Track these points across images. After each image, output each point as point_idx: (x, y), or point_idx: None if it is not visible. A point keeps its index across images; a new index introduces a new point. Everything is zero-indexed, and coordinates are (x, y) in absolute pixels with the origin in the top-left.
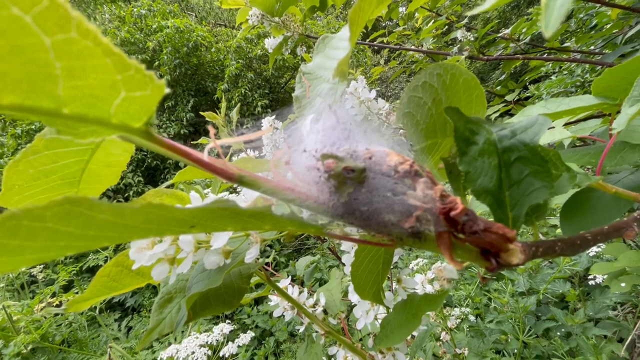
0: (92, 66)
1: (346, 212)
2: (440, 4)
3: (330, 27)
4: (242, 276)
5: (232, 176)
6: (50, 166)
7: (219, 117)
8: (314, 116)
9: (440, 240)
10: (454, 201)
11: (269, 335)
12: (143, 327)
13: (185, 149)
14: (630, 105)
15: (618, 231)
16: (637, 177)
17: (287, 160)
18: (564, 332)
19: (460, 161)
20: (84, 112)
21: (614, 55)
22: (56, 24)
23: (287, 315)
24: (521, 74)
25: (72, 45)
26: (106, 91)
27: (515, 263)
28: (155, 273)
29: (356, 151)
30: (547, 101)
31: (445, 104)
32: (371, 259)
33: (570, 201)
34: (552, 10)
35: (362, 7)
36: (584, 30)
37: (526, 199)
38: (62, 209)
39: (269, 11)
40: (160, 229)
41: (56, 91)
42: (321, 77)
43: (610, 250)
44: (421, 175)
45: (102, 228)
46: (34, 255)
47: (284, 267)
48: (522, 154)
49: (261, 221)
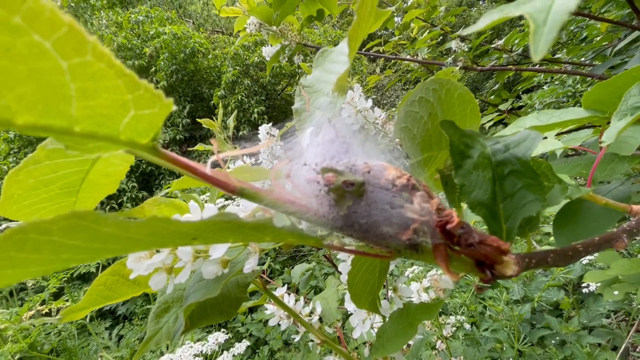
0: (104, 87)
1: (345, 225)
2: (435, 15)
3: (327, 35)
4: (240, 285)
5: (234, 189)
6: (50, 176)
7: (215, 124)
8: (314, 129)
9: (437, 252)
10: (450, 214)
11: (263, 344)
12: (134, 335)
13: (190, 162)
14: (619, 119)
15: (608, 242)
16: (627, 188)
17: (287, 173)
18: (559, 340)
19: (455, 174)
20: (95, 130)
21: (604, 67)
22: (73, 49)
23: (283, 324)
24: (514, 84)
25: (87, 68)
26: (116, 110)
27: (510, 274)
28: (153, 282)
29: (355, 165)
30: (540, 113)
31: (440, 118)
32: (367, 268)
33: (563, 211)
34: (541, 36)
35: (360, 25)
36: (575, 42)
37: (519, 212)
38: (68, 223)
39: (266, 20)
40: (163, 242)
41: (70, 111)
42: (320, 91)
43: (603, 258)
44: (418, 189)
45: (106, 241)
46: (38, 268)
47: (279, 275)
48: (515, 167)
49: (262, 233)
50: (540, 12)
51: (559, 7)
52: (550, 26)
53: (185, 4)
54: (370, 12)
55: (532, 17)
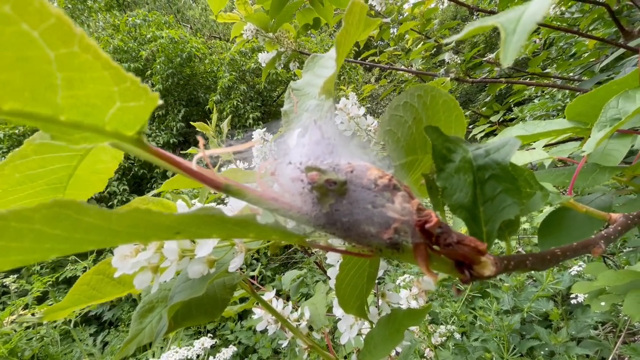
0: (90, 78)
1: (328, 223)
2: (429, 28)
3: (323, 44)
4: (226, 287)
5: (219, 185)
6: (37, 171)
7: (209, 128)
8: (301, 130)
9: (417, 252)
10: (429, 214)
11: (252, 352)
12: (120, 342)
13: (175, 157)
14: (598, 130)
15: (586, 248)
16: (609, 198)
17: (272, 171)
18: (548, 351)
19: (437, 177)
20: (80, 120)
21: (591, 82)
22: (60, 39)
23: (270, 329)
24: (506, 96)
25: (74, 59)
26: (103, 101)
27: (487, 275)
28: (138, 281)
29: (338, 165)
30: (526, 123)
31: (425, 123)
32: (355, 272)
33: (547, 219)
34: (509, 44)
35: (348, 31)
36: (564, 58)
37: (499, 215)
38: (50, 212)
39: (263, 27)
40: (146, 234)
41: (55, 99)
42: (309, 94)
43: (590, 270)
44: (399, 189)
45: (88, 231)
46: (18, 257)
47: (270, 281)
48: (495, 172)
49: (246, 229)
50: (511, 22)
51: (527, 17)
52: (519, 35)
53: (183, 9)
54: (359, 19)
55: (503, 27)
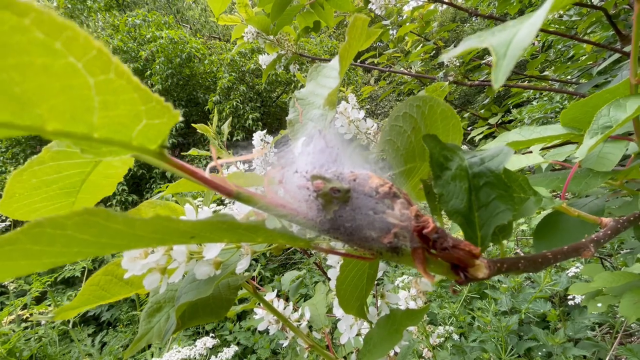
0: (122, 100)
1: (332, 228)
2: (429, 30)
3: (323, 45)
4: (231, 287)
5: (230, 192)
6: (52, 176)
7: (210, 130)
8: (306, 139)
9: (415, 255)
10: (427, 220)
11: (251, 352)
12: (118, 343)
13: (192, 168)
14: (590, 137)
15: (576, 251)
16: (601, 202)
17: (280, 179)
18: (545, 352)
19: (434, 184)
20: (111, 136)
21: (589, 85)
22: (99, 68)
23: (271, 329)
24: (504, 99)
25: (110, 84)
26: (131, 119)
27: (481, 277)
28: (147, 282)
29: (342, 173)
30: (522, 128)
31: (424, 132)
32: (356, 274)
33: (542, 223)
34: (500, 67)
35: (351, 45)
36: (562, 61)
37: (493, 220)
38: (81, 219)
39: (264, 29)
40: (164, 239)
41: (92, 119)
42: (313, 103)
43: (587, 271)
44: (399, 196)
45: (113, 237)
46: (49, 260)
47: (269, 282)
48: (489, 179)
49: (255, 234)
50: (502, 46)
51: (516, 42)
52: (508, 60)
53: (183, 10)
54: (360, 33)
55: (495, 50)
